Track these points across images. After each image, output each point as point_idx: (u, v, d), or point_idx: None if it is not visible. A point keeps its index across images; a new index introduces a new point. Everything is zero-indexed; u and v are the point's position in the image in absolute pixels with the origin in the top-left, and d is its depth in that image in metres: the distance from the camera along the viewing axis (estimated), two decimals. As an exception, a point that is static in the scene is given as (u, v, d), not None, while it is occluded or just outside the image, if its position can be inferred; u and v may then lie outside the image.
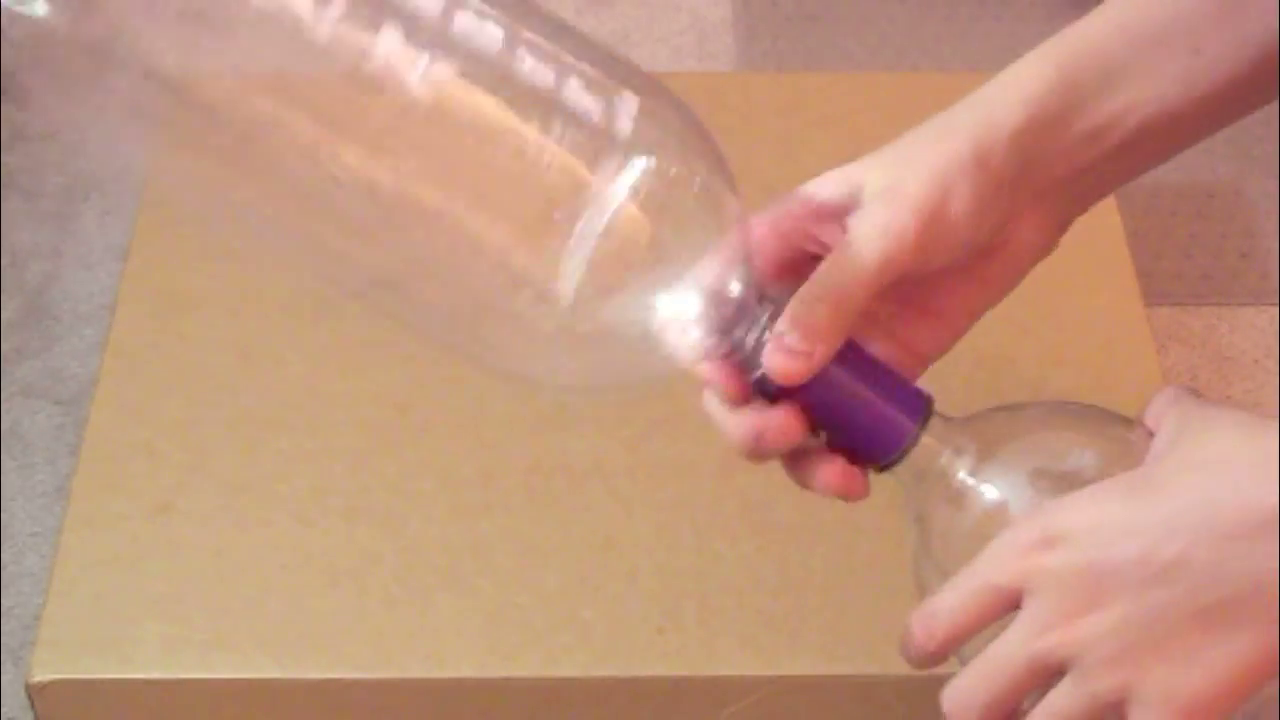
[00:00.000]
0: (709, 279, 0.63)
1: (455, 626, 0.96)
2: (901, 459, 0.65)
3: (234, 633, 0.96)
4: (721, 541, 0.99)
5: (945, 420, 0.65)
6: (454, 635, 0.96)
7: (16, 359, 1.46)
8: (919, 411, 0.65)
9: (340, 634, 0.96)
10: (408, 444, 1.03)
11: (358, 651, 0.95)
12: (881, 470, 0.65)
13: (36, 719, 0.95)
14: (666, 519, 1.00)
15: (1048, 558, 0.60)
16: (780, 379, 0.63)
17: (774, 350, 0.63)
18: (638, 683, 0.95)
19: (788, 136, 1.20)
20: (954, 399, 0.67)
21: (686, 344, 0.63)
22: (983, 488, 0.64)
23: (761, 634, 0.95)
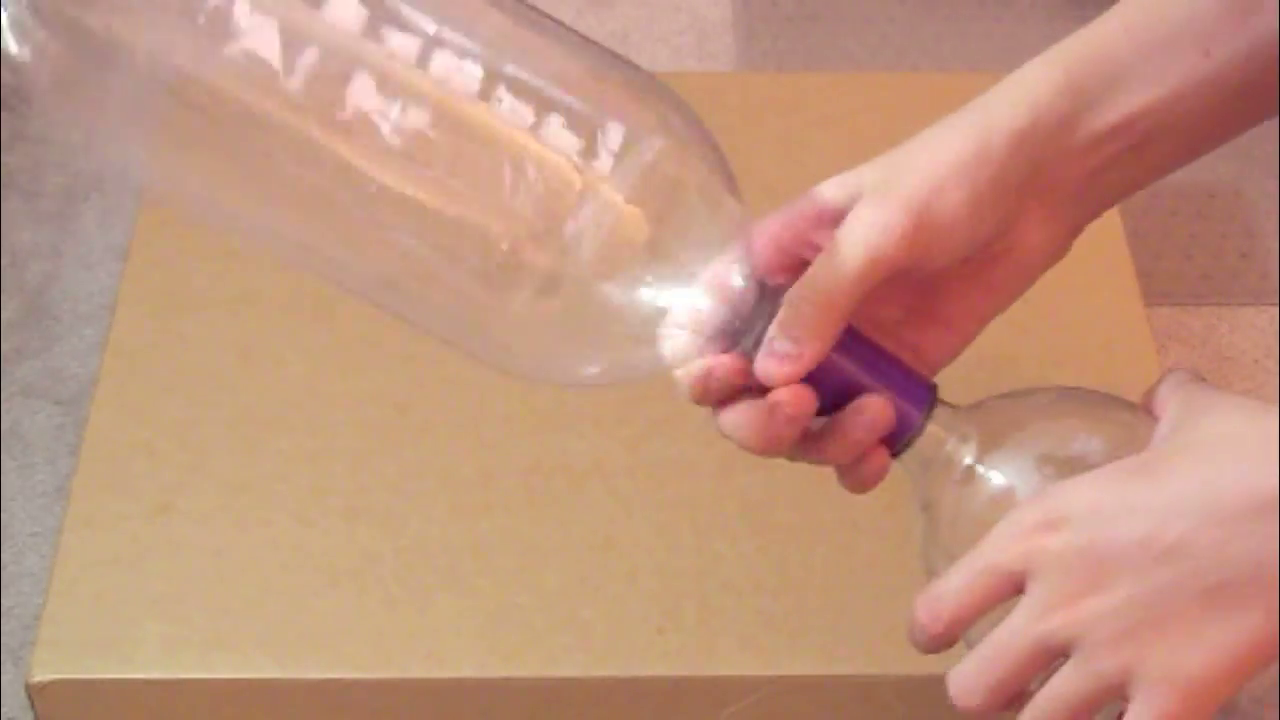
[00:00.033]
0: (713, 279, 0.63)
1: (455, 626, 0.96)
2: (908, 447, 0.65)
3: (234, 633, 0.96)
4: (721, 541, 0.99)
5: (950, 408, 0.66)
6: (454, 635, 0.96)
7: (16, 359, 1.46)
8: (924, 400, 0.65)
9: (340, 634, 0.96)
10: (408, 444, 1.03)
11: (358, 651, 0.95)
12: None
13: (36, 719, 0.95)
14: (666, 519, 1.00)
15: (1051, 540, 0.61)
16: (771, 384, 0.63)
17: (764, 356, 0.63)
18: (638, 683, 0.95)
19: (788, 136, 1.20)
20: (954, 399, 0.67)
21: (691, 342, 0.64)
22: (989, 474, 0.65)
23: (761, 634, 0.95)
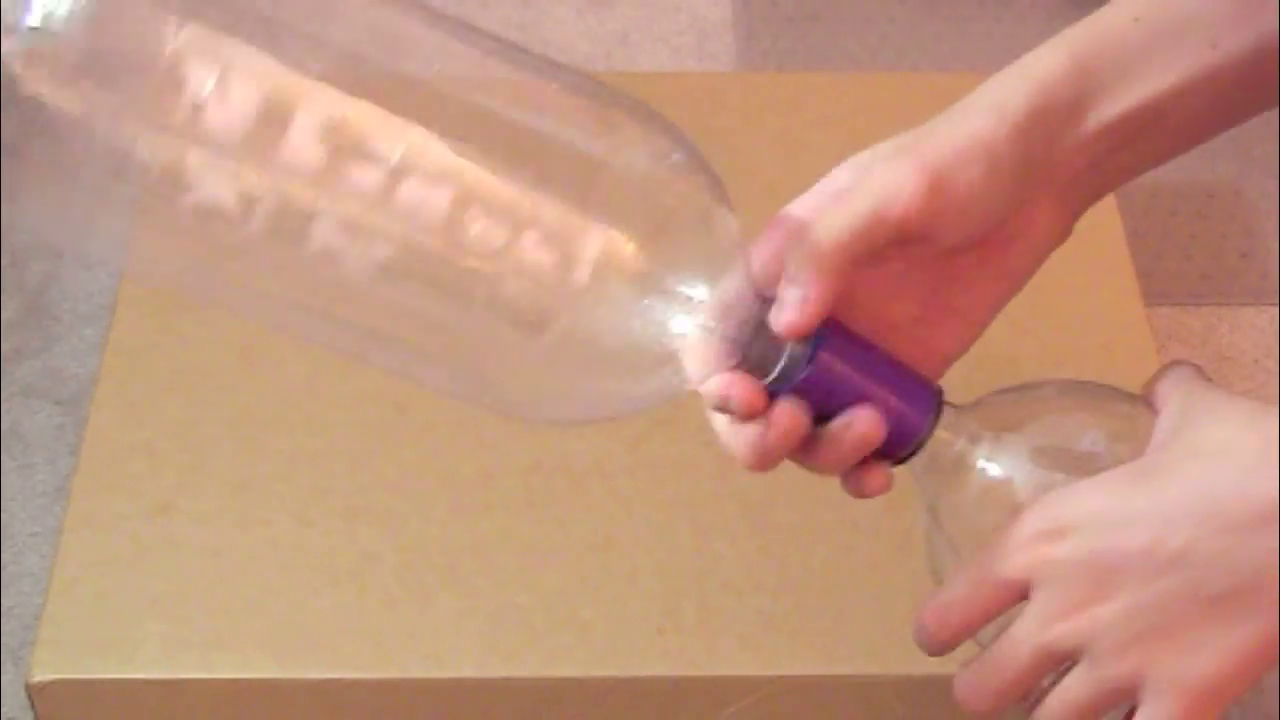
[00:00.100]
0: (714, 298, 0.63)
1: (455, 626, 0.96)
2: (915, 453, 0.65)
3: (234, 633, 0.96)
4: (721, 541, 0.99)
5: (956, 409, 0.66)
6: (454, 635, 0.96)
7: (16, 359, 1.46)
8: (930, 405, 0.65)
9: (340, 634, 0.96)
10: (408, 444, 1.03)
11: (358, 651, 0.95)
12: (896, 464, 0.66)
13: (36, 719, 0.95)
14: (666, 519, 1.00)
15: (1054, 549, 0.61)
16: (785, 333, 0.62)
17: (776, 310, 0.62)
18: (638, 683, 0.95)
19: (788, 136, 1.20)
20: (955, 399, 0.67)
21: (697, 362, 0.64)
22: (995, 473, 0.65)
23: (761, 634, 0.95)
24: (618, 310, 0.63)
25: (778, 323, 0.62)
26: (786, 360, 0.63)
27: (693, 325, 0.63)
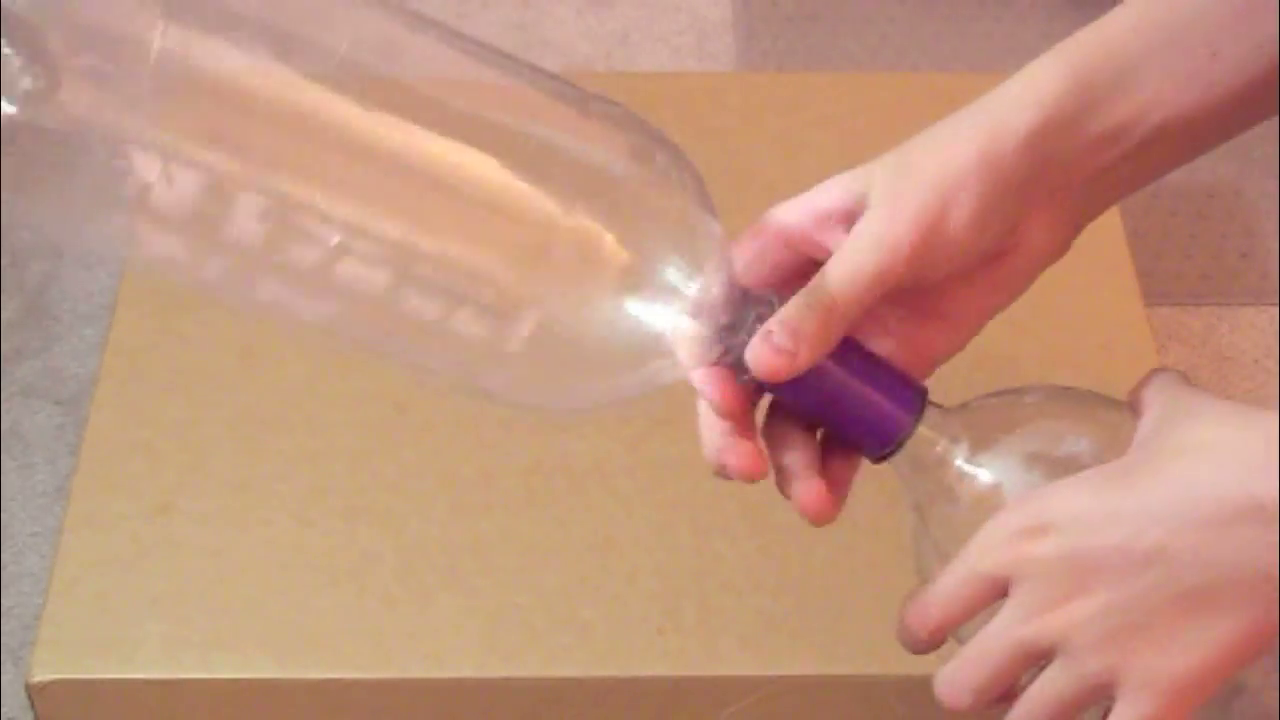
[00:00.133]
0: (698, 294, 0.64)
1: (455, 626, 0.96)
2: (898, 450, 0.65)
3: (234, 633, 0.96)
4: (721, 541, 0.99)
5: (940, 410, 0.66)
6: (454, 635, 0.96)
7: (16, 359, 1.46)
8: (914, 403, 0.66)
9: (340, 634, 0.96)
10: (408, 444, 1.03)
11: (358, 651, 0.95)
12: (878, 461, 0.66)
13: (36, 719, 0.95)
14: (666, 519, 1.00)
15: (1034, 546, 0.61)
16: (761, 374, 0.64)
17: (760, 343, 0.64)
18: (638, 683, 0.95)
19: (788, 136, 1.20)
20: (954, 399, 0.67)
21: (679, 356, 0.64)
22: (978, 474, 0.66)
23: (761, 634, 0.95)
24: (601, 304, 0.63)
25: (761, 359, 0.63)
26: None
27: (677, 320, 0.63)
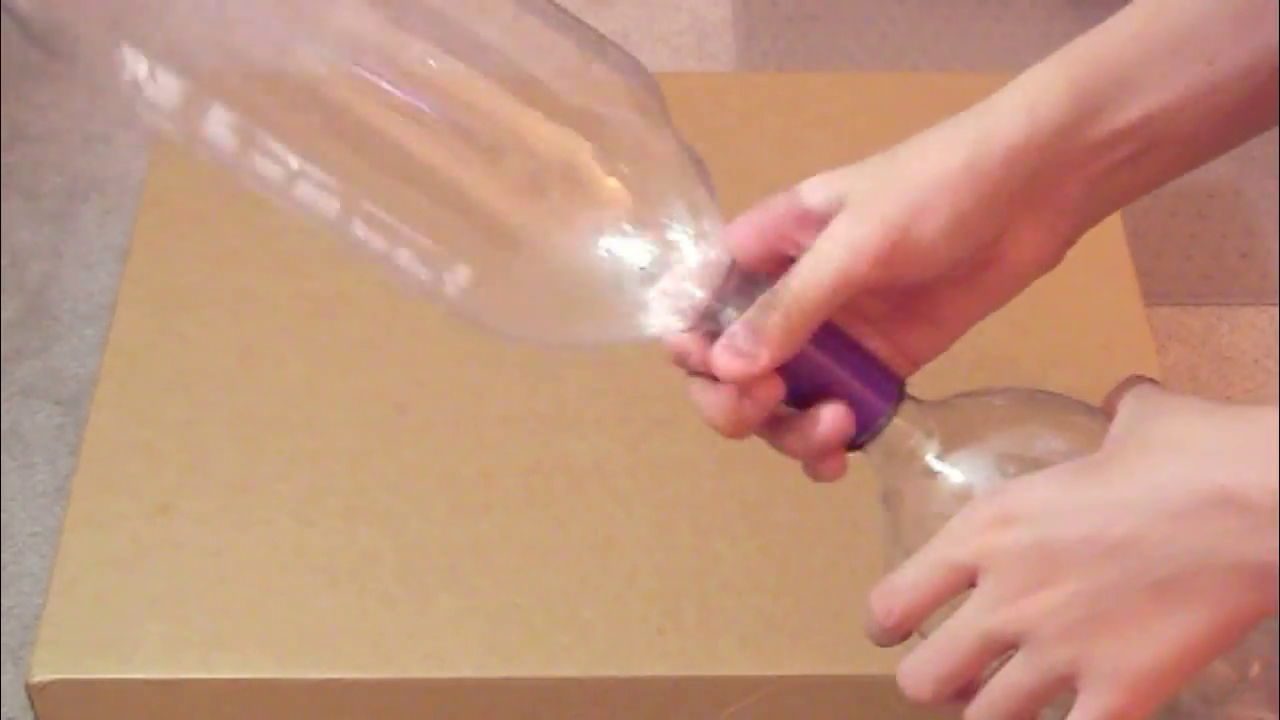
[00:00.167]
0: (688, 260, 0.64)
1: (455, 626, 0.96)
2: (873, 439, 0.66)
3: (234, 633, 0.96)
4: (721, 541, 0.99)
5: (917, 403, 0.67)
6: (454, 635, 0.96)
7: (16, 359, 1.46)
8: (891, 393, 0.66)
9: (340, 634, 0.96)
10: (408, 444, 1.03)
11: (358, 651, 0.95)
12: (852, 449, 0.67)
13: (36, 719, 0.95)
14: (666, 519, 1.00)
15: (1002, 536, 0.62)
16: (722, 377, 0.64)
17: (722, 349, 0.64)
18: (638, 683, 0.95)
19: (788, 136, 1.20)
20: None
21: (665, 318, 0.64)
22: (949, 470, 0.66)
23: (761, 634, 0.95)
24: (595, 243, 0.64)
25: (722, 365, 0.64)
26: None
27: (666, 281, 0.64)
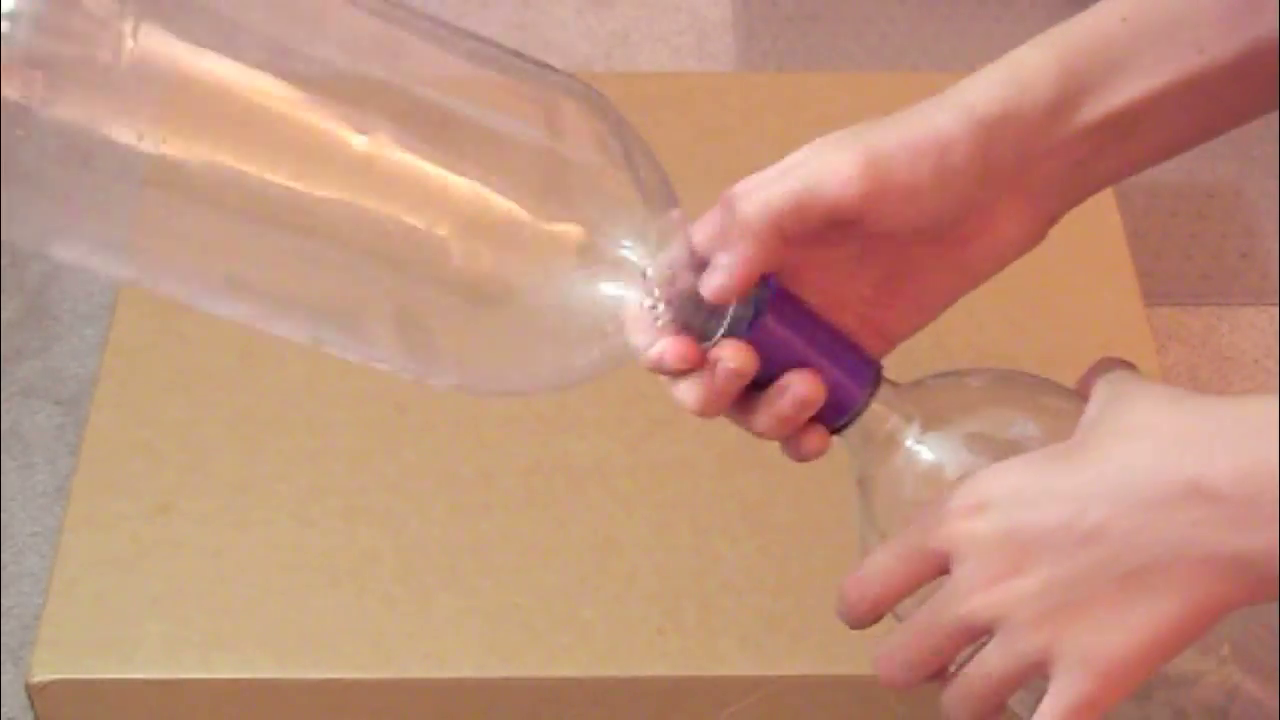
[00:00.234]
0: (656, 269, 0.64)
1: (455, 626, 0.96)
2: (851, 423, 0.66)
3: (234, 633, 0.96)
4: (721, 541, 0.99)
5: (894, 386, 0.67)
6: (454, 635, 0.96)
7: (16, 359, 1.46)
8: (869, 377, 0.66)
9: (340, 634, 0.96)
10: (408, 444, 1.03)
11: (358, 651, 0.95)
12: (830, 433, 0.67)
13: (36, 719, 0.95)
14: (666, 519, 1.00)
15: (975, 523, 0.62)
16: (710, 296, 0.64)
17: (708, 274, 0.64)
18: (638, 683, 0.95)
19: (788, 136, 1.19)
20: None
21: (640, 332, 0.65)
22: (925, 453, 0.66)
23: (761, 634, 0.95)
24: (561, 282, 0.64)
25: (705, 286, 0.64)
26: (727, 327, 0.65)
27: (635, 296, 0.64)
